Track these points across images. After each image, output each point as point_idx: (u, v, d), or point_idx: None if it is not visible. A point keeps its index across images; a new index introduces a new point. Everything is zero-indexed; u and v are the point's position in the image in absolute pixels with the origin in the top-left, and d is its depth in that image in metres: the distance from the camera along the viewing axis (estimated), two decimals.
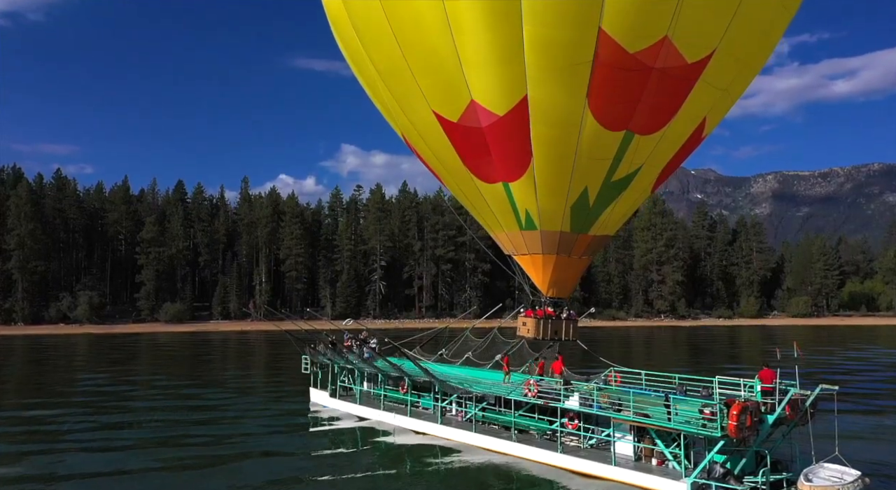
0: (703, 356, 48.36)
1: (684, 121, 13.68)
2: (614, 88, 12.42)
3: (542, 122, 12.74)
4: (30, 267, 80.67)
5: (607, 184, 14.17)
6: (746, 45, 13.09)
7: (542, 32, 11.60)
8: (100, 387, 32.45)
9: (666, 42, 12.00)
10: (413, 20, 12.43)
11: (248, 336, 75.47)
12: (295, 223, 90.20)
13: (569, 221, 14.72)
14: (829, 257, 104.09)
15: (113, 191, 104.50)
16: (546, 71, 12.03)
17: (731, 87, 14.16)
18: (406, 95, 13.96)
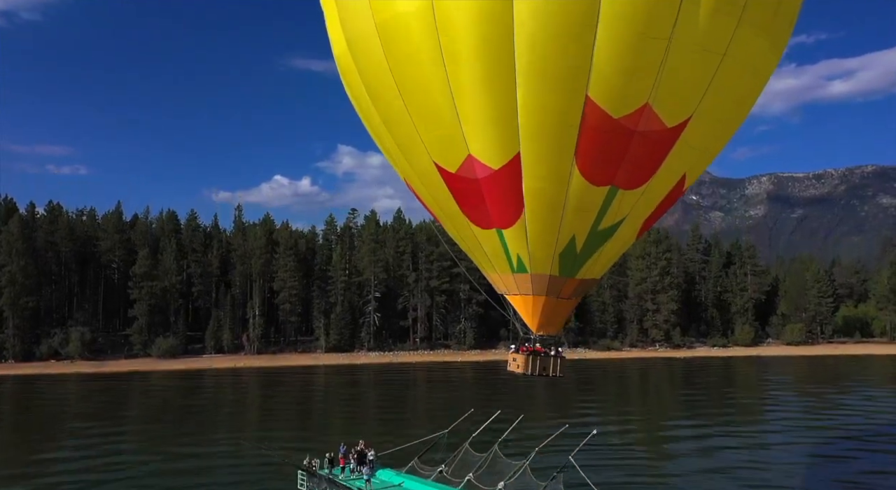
0: (694, 406, 47.52)
1: (665, 177, 14.80)
2: (599, 149, 13.53)
3: (533, 176, 13.88)
4: (21, 303, 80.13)
5: (593, 232, 15.12)
6: (721, 111, 14.27)
7: (535, 98, 12.74)
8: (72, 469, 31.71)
9: (647, 108, 13.09)
10: (417, 79, 13.54)
11: (241, 374, 75.06)
12: (289, 255, 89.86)
13: (557, 266, 15.63)
14: (823, 284, 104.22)
15: (105, 217, 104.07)
16: (537, 132, 13.23)
17: (708, 148, 15.42)
18: (408, 146, 15.09)
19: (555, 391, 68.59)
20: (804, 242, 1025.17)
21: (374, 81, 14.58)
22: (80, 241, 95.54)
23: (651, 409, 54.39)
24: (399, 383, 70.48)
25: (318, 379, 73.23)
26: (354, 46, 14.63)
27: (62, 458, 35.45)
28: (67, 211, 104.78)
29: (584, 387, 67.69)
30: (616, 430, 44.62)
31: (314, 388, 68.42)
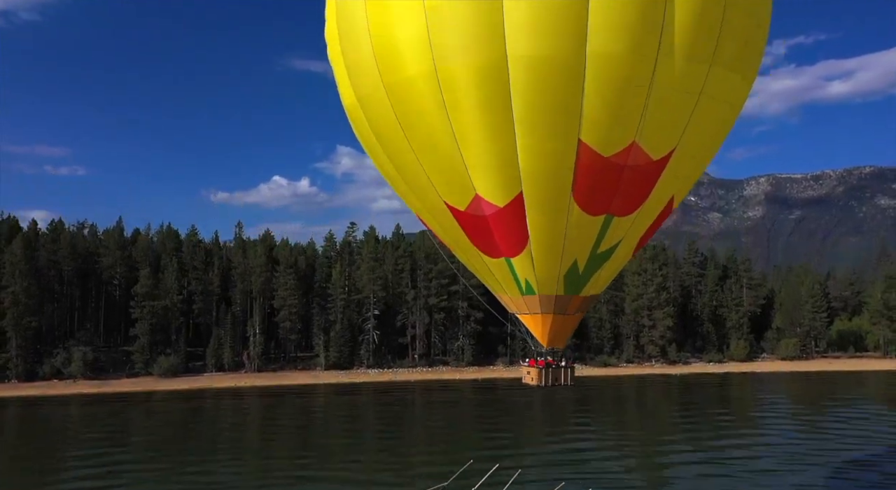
0: (687, 430, 48.27)
1: (654, 202, 16.45)
2: (594, 184, 15.08)
3: (535, 211, 15.41)
4: (24, 323, 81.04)
5: (593, 255, 16.75)
6: (702, 141, 15.97)
7: (532, 144, 14.25)
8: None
9: (634, 146, 14.65)
10: (425, 132, 14.97)
11: (243, 394, 76.01)
12: (289, 273, 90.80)
13: (563, 286, 17.16)
14: (817, 299, 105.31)
15: (106, 233, 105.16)
16: (536, 174, 14.76)
17: (691, 173, 17.27)
18: (420, 188, 16.58)
19: (552, 410, 69.75)
20: (802, 244, 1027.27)
21: (385, 134, 16.00)
22: (82, 257, 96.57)
23: (646, 434, 55.33)
24: (398, 405, 71.43)
25: (319, 400, 74.14)
26: (365, 103, 15.97)
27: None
28: (68, 226, 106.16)
29: (581, 407, 68.78)
30: (615, 455, 45.80)
31: (315, 410, 69.40)
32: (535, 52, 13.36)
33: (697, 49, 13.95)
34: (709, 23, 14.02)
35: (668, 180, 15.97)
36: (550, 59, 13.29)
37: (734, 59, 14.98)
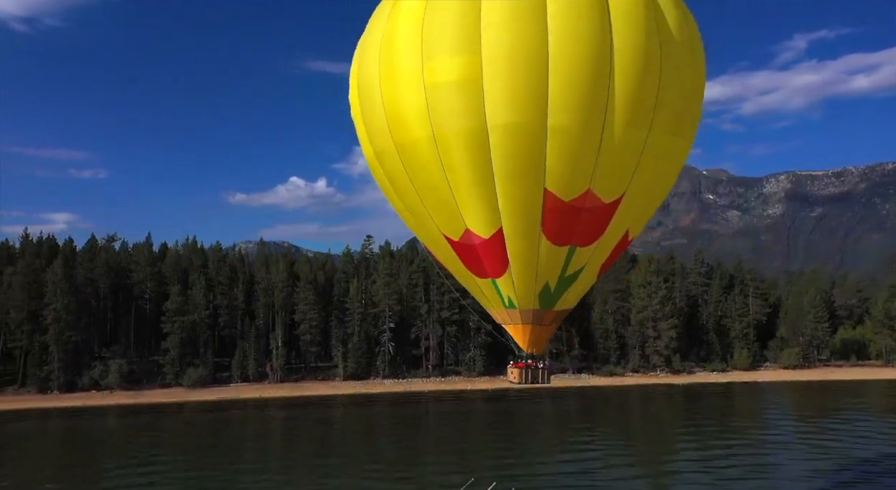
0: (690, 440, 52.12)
1: (610, 236, 20.29)
2: (558, 222, 18.98)
3: (513, 242, 19.40)
4: (64, 337, 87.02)
5: (562, 278, 20.53)
6: (647, 188, 19.65)
7: (509, 192, 18.30)
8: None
9: (589, 192, 18.47)
10: (426, 181, 19.13)
11: (268, 406, 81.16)
12: (309, 289, 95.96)
13: (538, 302, 20.95)
14: (819, 309, 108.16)
15: (136, 249, 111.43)
16: (512, 214, 18.77)
17: (642, 213, 21.05)
18: (424, 222, 20.85)
19: (559, 420, 74.08)
20: (823, 241, 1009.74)
21: (397, 181, 20.28)
22: (115, 272, 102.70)
23: (650, 447, 59.29)
24: (414, 417, 76.15)
25: (338, 411, 79.14)
26: (381, 157, 20.34)
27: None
28: (100, 240, 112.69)
29: (587, 418, 72.98)
30: (620, 464, 49.91)
31: (335, 421, 74.43)
32: (508, 122, 17.49)
33: (636, 120, 17.91)
34: (645, 100, 17.93)
35: (620, 219, 19.78)
36: (520, 127, 17.43)
37: (670, 125, 18.90)
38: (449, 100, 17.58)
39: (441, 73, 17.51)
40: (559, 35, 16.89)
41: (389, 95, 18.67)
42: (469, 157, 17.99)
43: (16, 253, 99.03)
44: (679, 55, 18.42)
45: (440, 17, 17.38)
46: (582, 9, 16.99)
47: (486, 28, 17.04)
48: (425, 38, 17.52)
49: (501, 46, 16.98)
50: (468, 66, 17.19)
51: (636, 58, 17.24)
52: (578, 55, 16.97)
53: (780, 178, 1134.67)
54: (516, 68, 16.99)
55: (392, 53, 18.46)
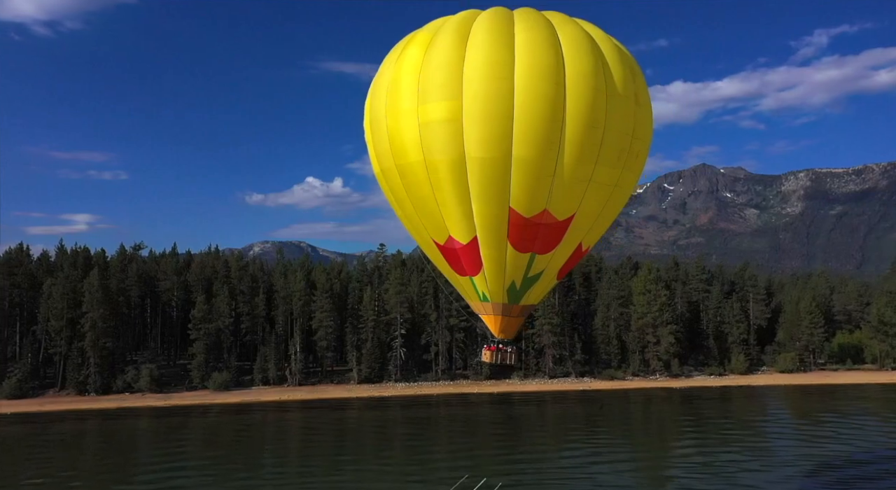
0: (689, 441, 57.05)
1: (565, 246, 24.75)
2: (520, 233, 23.54)
3: (485, 248, 24.08)
4: (100, 344, 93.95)
5: (525, 278, 25.10)
6: (596, 209, 24.08)
7: (482, 209, 23.00)
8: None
9: (545, 211, 22.97)
10: (420, 196, 23.96)
11: (288, 409, 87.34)
12: (325, 297, 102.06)
13: (507, 297, 25.51)
14: (815, 316, 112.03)
15: (164, 259, 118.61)
16: (484, 226, 23.43)
17: (593, 229, 25.26)
18: (417, 228, 25.84)
19: (564, 421, 79.33)
20: (843, 240, 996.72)
21: (397, 194, 25.36)
22: (144, 281, 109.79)
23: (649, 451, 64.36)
24: (422, 419, 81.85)
25: (353, 413, 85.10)
26: (385, 174, 25.45)
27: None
28: (127, 248, 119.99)
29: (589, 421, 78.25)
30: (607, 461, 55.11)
31: (350, 422, 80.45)
32: (481, 155, 22.45)
33: (583, 157, 22.62)
34: (591, 142, 22.64)
35: (573, 233, 24.38)
36: (490, 160, 22.48)
37: (614, 161, 23.59)
38: (437, 134, 22.32)
39: (432, 114, 22.52)
40: (523, 90, 21.85)
41: (393, 127, 23.93)
42: (451, 180, 22.68)
43: (54, 264, 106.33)
44: (623, 107, 23.15)
45: (433, 68, 22.45)
46: (543, 70, 21.85)
47: (466, 81, 22.03)
48: (420, 85, 22.64)
49: (478, 96, 21.98)
50: (452, 109, 22.21)
51: (584, 111, 22.10)
52: (538, 106, 21.95)
53: (800, 175, 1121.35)
54: (489, 114, 21.83)
55: (396, 95, 23.62)
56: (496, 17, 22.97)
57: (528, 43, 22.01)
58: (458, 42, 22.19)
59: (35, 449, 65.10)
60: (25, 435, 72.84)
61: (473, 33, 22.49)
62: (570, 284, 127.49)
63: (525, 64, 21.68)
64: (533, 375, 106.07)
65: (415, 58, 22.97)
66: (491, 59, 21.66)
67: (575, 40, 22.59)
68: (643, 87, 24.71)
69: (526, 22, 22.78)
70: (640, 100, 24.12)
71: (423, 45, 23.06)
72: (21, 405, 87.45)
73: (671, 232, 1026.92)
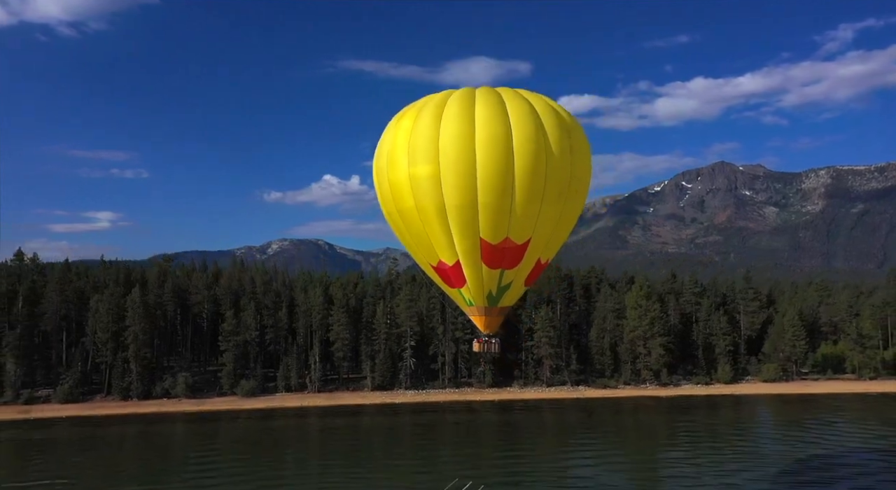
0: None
1: (527, 262, 32.47)
2: (490, 255, 31.50)
3: (466, 268, 31.98)
4: (141, 354, 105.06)
5: (499, 287, 32.91)
6: (549, 234, 31.86)
7: (460, 239, 30.87)
8: None
9: (507, 238, 30.67)
10: (414, 229, 31.91)
11: (308, 415, 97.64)
12: (342, 312, 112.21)
13: (487, 302, 33.34)
14: (797, 329, 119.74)
15: (194, 273, 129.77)
16: (464, 251, 31.35)
17: (548, 247, 33.15)
18: (416, 252, 34.01)
19: (558, 429, 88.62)
20: (864, 239, 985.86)
21: (399, 228, 33.12)
22: (178, 295, 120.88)
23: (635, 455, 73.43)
24: (429, 425, 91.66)
25: (366, 419, 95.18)
26: (390, 214, 32.86)
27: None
28: (154, 255, 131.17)
29: (579, 427, 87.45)
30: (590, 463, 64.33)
31: (364, 427, 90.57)
32: (456, 203, 28.92)
33: (531, 198, 28.94)
34: (536, 188, 28.81)
35: (531, 252, 32.40)
36: (462, 205, 28.94)
37: (556, 198, 29.80)
38: (423, 188, 29.57)
39: (419, 173, 29.45)
40: (482, 154, 29.57)
41: (392, 180, 30.83)
42: (436, 220, 30.14)
43: (100, 280, 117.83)
44: (559, 159, 30.42)
45: (418, 138, 30.17)
46: (496, 138, 29.43)
47: (441, 148, 29.84)
48: (409, 151, 30.58)
49: (450, 161, 28.81)
50: (433, 170, 29.15)
51: (529, 166, 29.50)
52: (494, 166, 28.77)
53: (820, 173, 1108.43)
54: (458, 173, 28.81)
55: (393, 156, 31.58)
56: (463, 97, 30.25)
57: (484, 118, 29.10)
58: (435, 118, 29.53)
59: (89, 450, 76.04)
60: (82, 437, 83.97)
61: (446, 110, 29.64)
62: (572, 296, 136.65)
63: (482, 134, 28.74)
64: (532, 384, 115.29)
65: (406, 129, 30.21)
66: (458, 131, 28.95)
67: (520, 112, 29.36)
68: (578, 139, 31.19)
69: (483, 100, 29.76)
70: (574, 151, 30.76)
71: (412, 119, 30.41)
72: (73, 409, 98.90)
73: (689, 230, 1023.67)
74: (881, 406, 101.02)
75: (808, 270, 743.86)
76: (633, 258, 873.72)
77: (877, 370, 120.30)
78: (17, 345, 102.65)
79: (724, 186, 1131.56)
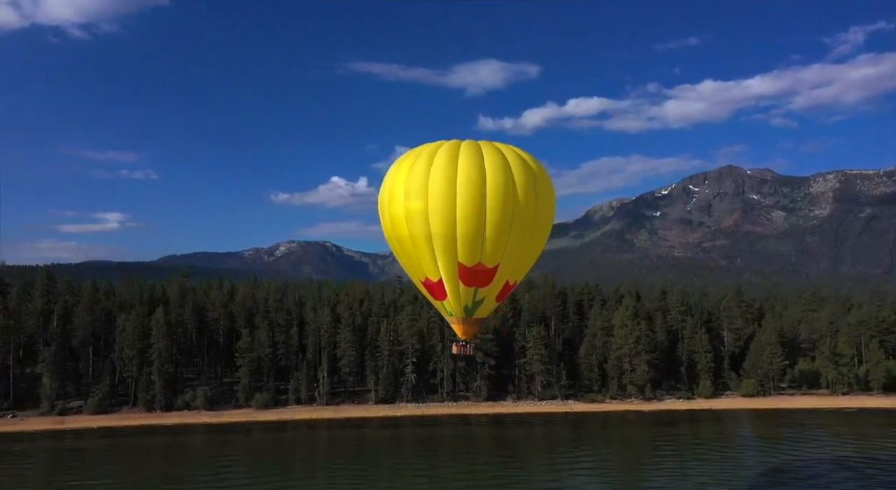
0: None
1: (497, 283, 39.97)
2: (466, 275, 39.34)
3: (447, 284, 39.66)
4: (164, 369, 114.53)
5: (474, 302, 40.46)
6: (516, 260, 39.49)
7: (442, 262, 38.68)
8: None
9: (479, 263, 38.38)
10: (409, 252, 39.89)
11: (317, 427, 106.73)
12: (348, 330, 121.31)
13: (464, 313, 40.91)
14: (774, 347, 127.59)
15: (212, 292, 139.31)
16: (444, 271, 39.21)
17: (517, 270, 40.83)
18: (409, 270, 42.06)
19: (550, 443, 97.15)
20: (873, 244, 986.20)
21: (397, 251, 40.60)
22: (197, 313, 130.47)
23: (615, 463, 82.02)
24: (425, 438, 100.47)
25: (370, 432, 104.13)
26: (390, 239, 40.67)
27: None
28: (184, 277, 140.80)
29: (564, 441, 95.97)
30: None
31: (366, 441, 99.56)
32: (440, 232, 35.92)
33: (501, 231, 35.94)
34: (504, 224, 35.75)
35: (501, 274, 39.93)
36: (445, 234, 35.94)
37: (522, 232, 36.67)
38: (415, 219, 36.99)
39: (412, 207, 36.79)
40: (461, 195, 37.14)
41: (392, 212, 38.39)
42: (425, 245, 37.42)
43: (126, 301, 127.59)
44: (525, 202, 37.75)
45: (413, 179, 37.85)
46: (473, 183, 37.12)
47: (430, 189, 37.72)
48: (405, 189, 38.52)
49: (436, 199, 35.91)
50: (423, 206, 36.37)
51: (498, 207, 36.88)
52: (470, 204, 35.81)
53: (829, 177, 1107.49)
54: (442, 209, 35.97)
55: (392, 193, 39.57)
56: (450, 148, 37.59)
57: (465, 166, 36.30)
58: (427, 164, 37.03)
59: (120, 458, 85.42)
60: (109, 446, 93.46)
61: (436, 159, 37.05)
62: (566, 313, 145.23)
63: (462, 179, 36.11)
64: (525, 398, 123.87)
65: (404, 171, 37.77)
66: (443, 176, 36.39)
67: (493, 163, 36.58)
68: (543, 183, 38.08)
69: (466, 152, 37.10)
70: (539, 194, 37.61)
71: (409, 164, 37.76)
72: (103, 420, 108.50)
73: (696, 234, 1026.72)
74: (845, 420, 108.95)
75: (814, 275, 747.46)
76: (640, 262, 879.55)
77: (850, 385, 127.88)
78: (53, 360, 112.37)
79: (731, 190, 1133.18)
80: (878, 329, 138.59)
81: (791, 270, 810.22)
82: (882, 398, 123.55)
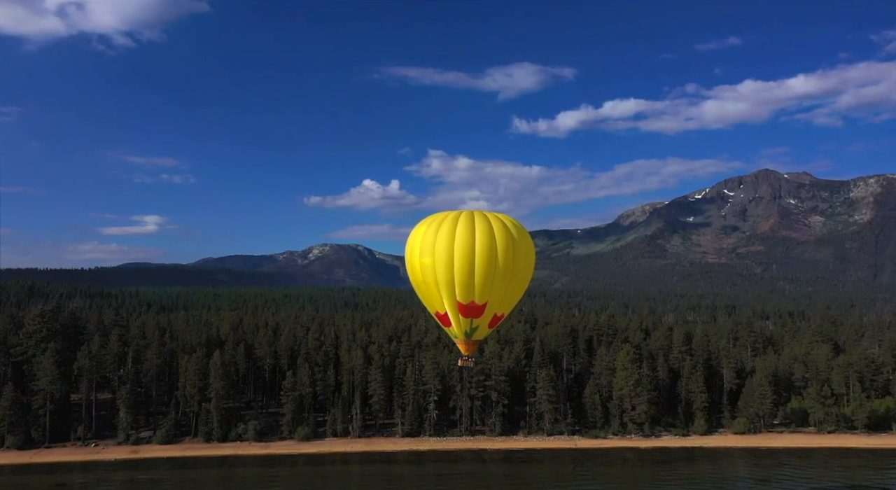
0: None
1: (487, 315, 58.46)
2: (464, 310, 57.85)
3: (451, 316, 58.77)
4: (221, 405, 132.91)
5: (471, 328, 59.08)
6: (502, 296, 57.73)
7: (447, 299, 57.52)
8: None
9: (472, 300, 57.08)
10: (427, 293, 59.22)
11: (350, 462, 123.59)
12: (378, 371, 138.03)
13: (465, 336, 59.73)
14: (764, 387, 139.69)
15: (259, 334, 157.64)
16: (448, 306, 58.06)
17: (504, 304, 59.20)
18: (427, 305, 61.50)
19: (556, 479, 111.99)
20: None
21: (417, 291, 60.65)
22: (247, 353, 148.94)
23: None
24: (446, 473, 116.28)
25: (396, 469, 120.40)
26: (415, 283, 60.36)
27: None
28: (235, 314, 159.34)
29: (565, 478, 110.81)
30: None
31: (393, 478, 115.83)
32: (443, 279, 55.01)
33: (488, 277, 54.02)
34: (489, 274, 53.86)
35: (489, 309, 58.42)
36: (446, 281, 55.72)
37: (503, 278, 56.66)
38: (427, 271, 55.44)
39: (424, 262, 55.24)
40: (457, 255, 55.18)
41: (413, 264, 58.03)
42: (434, 288, 55.93)
43: (188, 345, 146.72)
44: (505, 260, 54.99)
45: (425, 241, 56.32)
46: (466, 246, 54.95)
47: (435, 249, 56.15)
48: (420, 248, 57.39)
49: (440, 256, 55.66)
50: (431, 261, 54.70)
51: (485, 264, 54.70)
52: (463, 261, 54.57)
53: (870, 181, 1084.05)
54: (444, 263, 53.84)
55: (412, 250, 58.28)
56: (453, 218, 56.22)
57: (461, 233, 52.96)
58: (434, 231, 54.45)
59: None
60: (184, 480, 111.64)
61: (441, 227, 53.73)
62: (576, 350, 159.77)
63: (458, 243, 52.87)
64: (535, 432, 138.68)
65: (421, 234, 55.67)
66: (445, 240, 53.25)
67: (482, 231, 52.70)
68: (523, 243, 54.59)
69: (464, 222, 53.35)
70: (517, 252, 53.90)
71: (424, 229, 56.23)
72: (169, 450, 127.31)
73: (730, 240, 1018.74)
74: (823, 459, 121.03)
75: (853, 283, 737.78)
76: (672, 268, 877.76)
77: (837, 424, 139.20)
78: (128, 397, 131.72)
79: (767, 195, 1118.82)
80: (869, 369, 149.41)
81: (828, 278, 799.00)
82: (864, 438, 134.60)
